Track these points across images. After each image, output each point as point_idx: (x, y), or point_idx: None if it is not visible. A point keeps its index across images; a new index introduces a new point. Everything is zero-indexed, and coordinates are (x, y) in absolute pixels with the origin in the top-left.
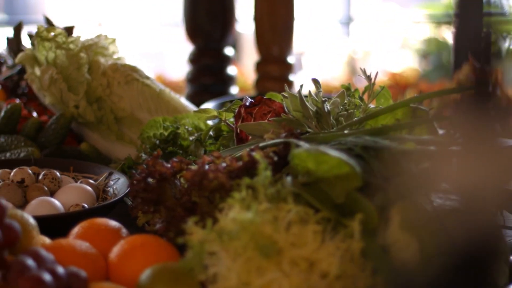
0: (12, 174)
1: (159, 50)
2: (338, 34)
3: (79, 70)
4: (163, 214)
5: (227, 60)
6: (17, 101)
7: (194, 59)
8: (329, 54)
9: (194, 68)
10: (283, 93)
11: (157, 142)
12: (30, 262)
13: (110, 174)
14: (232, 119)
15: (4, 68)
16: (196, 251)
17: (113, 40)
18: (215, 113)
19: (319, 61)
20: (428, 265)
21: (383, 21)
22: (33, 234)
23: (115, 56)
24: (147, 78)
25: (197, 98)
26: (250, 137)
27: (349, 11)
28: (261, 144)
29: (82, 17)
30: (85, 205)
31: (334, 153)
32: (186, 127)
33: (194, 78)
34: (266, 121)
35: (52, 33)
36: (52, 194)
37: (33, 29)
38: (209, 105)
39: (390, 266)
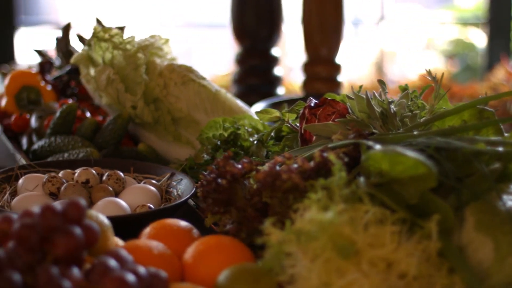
0: (76, 174)
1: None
2: (363, 34)
3: (136, 71)
4: (234, 214)
5: (274, 61)
6: (70, 101)
7: (241, 60)
8: (355, 54)
9: (241, 69)
10: (348, 94)
11: (218, 142)
12: (112, 262)
13: (172, 174)
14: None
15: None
16: (275, 252)
17: (166, 41)
18: (278, 114)
19: (345, 60)
20: (503, 264)
21: (407, 22)
22: (108, 235)
23: (168, 57)
24: (203, 78)
25: (243, 98)
26: (313, 138)
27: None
28: (330, 145)
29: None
30: (151, 206)
31: (411, 154)
32: (246, 127)
33: (241, 79)
34: (330, 122)
35: (109, 34)
36: (116, 194)
37: (48, 29)
38: (259, 106)
39: (469, 266)
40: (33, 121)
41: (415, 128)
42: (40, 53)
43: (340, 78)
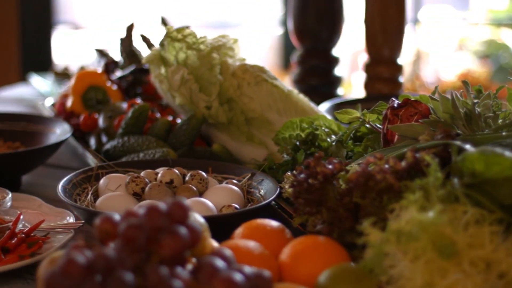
0: (160, 175)
1: None
2: None
3: (211, 71)
4: (325, 215)
5: (334, 61)
6: (137, 101)
7: (301, 60)
8: None
9: (301, 69)
10: (430, 95)
11: (297, 143)
12: (220, 262)
13: (253, 174)
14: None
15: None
16: (375, 252)
17: (236, 41)
18: (358, 115)
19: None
20: None
21: (439, 23)
22: (205, 235)
23: (238, 57)
24: (275, 78)
25: None
26: (395, 138)
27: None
28: (418, 146)
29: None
30: (237, 206)
31: (509, 154)
32: (322, 128)
33: (301, 79)
34: (413, 122)
35: (182, 34)
36: (200, 194)
37: (63, 29)
38: (323, 106)
39: None
40: (102, 121)
41: (501, 128)
42: (101, 52)
43: (401, 79)
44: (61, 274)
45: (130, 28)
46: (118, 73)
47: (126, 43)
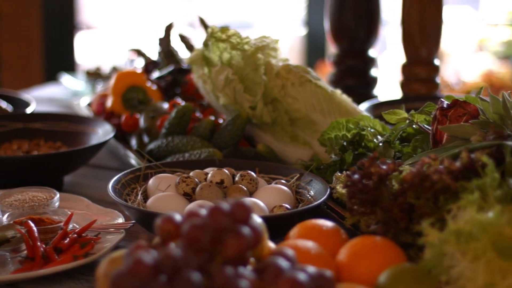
0: (210, 175)
1: None
2: None
3: (256, 71)
4: (379, 215)
5: (371, 62)
6: (177, 100)
7: (338, 61)
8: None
9: (337, 70)
10: (480, 96)
11: (344, 143)
12: (284, 263)
13: (302, 175)
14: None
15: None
16: (435, 252)
17: (277, 41)
18: (406, 115)
19: (396, 61)
20: None
21: (459, 24)
22: (264, 235)
23: (280, 57)
24: (318, 79)
25: None
26: (444, 139)
27: None
28: (471, 146)
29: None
30: (288, 207)
31: None
32: (368, 128)
33: (337, 80)
34: (463, 123)
35: (226, 34)
36: (250, 195)
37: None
38: (362, 107)
39: None
40: (143, 121)
41: None
42: (139, 52)
43: (438, 79)
44: (128, 274)
45: (168, 28)
46: (156, 73)
47: (165, 43)
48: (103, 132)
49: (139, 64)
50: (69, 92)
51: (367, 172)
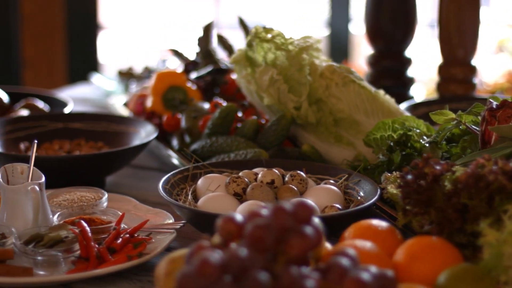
0: (260, 175)
1: None
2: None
3: (301, 71)
4: (433, 215)
5: (407, 62)
6: (218, 100)
7: (373, 62)
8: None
9: (373, 71)
10: None
11: (391, 144)
12: (348, 263)
13: (350, 175)
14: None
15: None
16: (494, 253)
17: (319, 41)
18: (453, 116)
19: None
20: None
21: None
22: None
23: (322, 57)
24: (361, 79)
25: None
26: (493, 139)
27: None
28: None
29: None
30: (339, 207)
31: None
32: (415, 129)
33: (373, 81)
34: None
35: (271, 35)
36: (300, 195)
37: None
38: (401, 107)
39: None
40: (184, 121)
41: None
42: (176, 53)
43: (475, 80)
44: (195, 274)
45: (207, 28)
46: (193, 74)
47: (203, 43)
48: (145, 132)
49: (171, 64)
50: (100, 92)
51: (421, 173)
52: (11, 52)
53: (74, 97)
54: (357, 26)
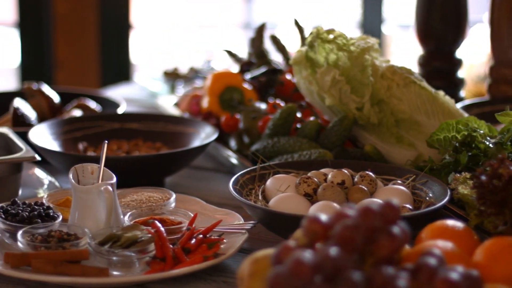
0: (330, 175)
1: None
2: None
3: (363, 72)
4: (508, 216)
5: (458, 63)
6: (277, 101)
7: (424, 62)
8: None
9: (423, 71)
10: None
11: (456, 144)
12: (435, 263)
13: (417, 176)
14: None
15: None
16: None
17: (378, 42)
18: None
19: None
20: None
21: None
22: None
23: (381, 58)
24: (422, 80)
25: None
26: None
27: None
28: None
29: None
30: (410, 207)
31: None
32: (478, 129)
33: None
34: None
35: (332, 35)
36: (370, 195)
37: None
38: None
39: None
40: (242, 122)
41: None
42: (230, 53)
43: None
44: (289, 274)
45: (261, 29)
46: (247, 74)
47: (257, 44)
48: (204, 133)
49: (217, 64)
50: (145, 93)
51: (496, 173)
52: (44, 52)
53: (120, 98)
54: (390, 27)
